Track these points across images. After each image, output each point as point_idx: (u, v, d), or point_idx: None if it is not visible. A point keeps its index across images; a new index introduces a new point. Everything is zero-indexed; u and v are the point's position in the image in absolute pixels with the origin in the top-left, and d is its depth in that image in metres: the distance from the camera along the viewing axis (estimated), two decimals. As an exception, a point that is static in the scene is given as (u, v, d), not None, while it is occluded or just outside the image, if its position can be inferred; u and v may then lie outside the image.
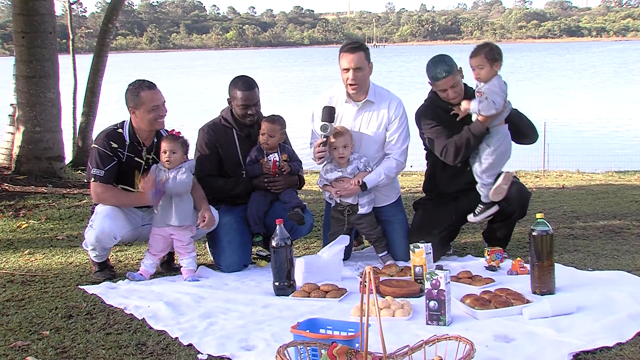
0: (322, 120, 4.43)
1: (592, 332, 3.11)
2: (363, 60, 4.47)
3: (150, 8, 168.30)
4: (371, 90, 4.59)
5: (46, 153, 7.93)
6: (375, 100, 4.60)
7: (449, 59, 4.44)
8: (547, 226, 3.75)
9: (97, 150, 4.34)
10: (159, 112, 4.35)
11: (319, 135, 4.48)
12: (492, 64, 4.32)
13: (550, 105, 24.56)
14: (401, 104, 4.67)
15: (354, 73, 4.46)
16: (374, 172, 4.52)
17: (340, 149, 4.43)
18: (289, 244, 3.99)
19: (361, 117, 4.60)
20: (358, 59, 4.45)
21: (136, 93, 4.34)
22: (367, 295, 2.50)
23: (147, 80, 4.44)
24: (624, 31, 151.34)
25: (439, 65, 4.40)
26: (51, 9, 7.94)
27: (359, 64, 4.46)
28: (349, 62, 4.46)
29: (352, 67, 4.45)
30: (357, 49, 4.48)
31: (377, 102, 4.60)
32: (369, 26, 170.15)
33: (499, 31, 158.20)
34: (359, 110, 4.60)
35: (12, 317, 3.65)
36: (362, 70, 4.48)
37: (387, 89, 4.75)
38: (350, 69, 4.46)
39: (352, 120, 4.59)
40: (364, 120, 4.59)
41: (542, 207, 6.36)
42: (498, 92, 4.28)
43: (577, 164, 11.84)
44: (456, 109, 4.47)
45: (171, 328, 3.37)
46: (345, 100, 4.60)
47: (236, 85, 4.57)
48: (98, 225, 4.24)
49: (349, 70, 4.46)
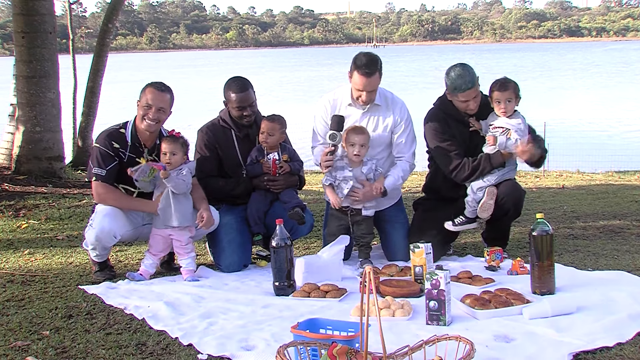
0: (331, 129, 4.43)
1: (592, 332, 3.11)
2: (378, 81, 4.48)
3: (150, 8, 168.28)
4: (378, 94, 4.59)
5: (46, 153, 7.93)
6: (381, 103, 4.61)
7: (471, 69, 4.45)
8: (547, 226, 3.75)
9: (99, 150, 4.34)
10: (148, 113, 4.32)
11: (327, 143, 4.47)
12: (517, 99, 4.42)
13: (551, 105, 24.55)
14: (405, 105, 4.69)
15: (367, 95, 4.48)
16: (392, 177, 4.55)
17: (357, 147, 4.39)
18: (289, 244, 3.99)
19: (367, 119, 4.60)
20: (374, 82, 4.45)
21: (144, 88, 4.38)
22: (367, 295, 2.50)
23: (164, 84, 4.44)
24: (624, 31, 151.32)
25: (463, 77, 4.38)
26: (51, 9, 7.94)
27: (374, 87, 4.47)
28: (364, 86, 4.43)
29: (367, 90, 4.46)
30: (374, 73, 4.41)
31: (384, 105, 4.62)
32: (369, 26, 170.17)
33: (499, 31, 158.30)
34: (365, 113, 4.60)
35: (12, 317, 3.65)
36: (375, 92, 4.50)
37: (390, 91, 4.76)
38: (365, 91, 4.46)
39: (358, 122, 4.59)
40: (371, 123, 4.60)
41: (542, 207, 6.36)
42: (525, 132, 4.35)
43: (577, 164, 11.84)
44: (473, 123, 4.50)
45: (171, 328, 3.37)
46: (349, 103, 4.61)
47: (230, 88, 4.57)
48: (98, 224, 4.24)
49: (363, 92, 4.46)
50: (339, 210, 4.53)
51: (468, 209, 4.53)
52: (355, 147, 4.39)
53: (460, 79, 4.38)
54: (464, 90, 4.39)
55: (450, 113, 4.58)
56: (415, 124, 4.75)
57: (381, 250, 4.83)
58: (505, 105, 4.38)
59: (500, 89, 4.41)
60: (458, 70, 4.42)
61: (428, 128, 4.62)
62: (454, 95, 4.46)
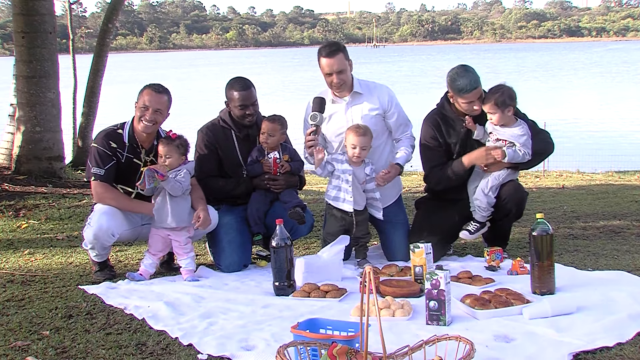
0: (312, 110, 4.47)
1: (592, 332, 3.11)
2: (343, 62, 4.52)
3: (150, 8, 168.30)
4: (356, 83, 4.65)
5: (46, 153, 7.93)
6: (362, 91, 4.66)
7: (473, 70, 4.44)
8: (547, 226, 3.75)
9: (97, 150, 4.34)
10: (145, 114, 4.33)
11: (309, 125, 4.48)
12: (504, 109, 4.35)
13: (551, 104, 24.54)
14: (390, 89, 4.76)
15: (337, 76, 4.52)
16: (401, 152, 4.64)
17: (358, 149, 4.37)
18: (289, 244, 3.99)
19: (351, 110, 4.64)
20: (339, 62, 4.50)
21: (142, 90, 4.40)
22: (367, 295, 2.50)
23: (161, 85, 4.45)
24: (624, 31, 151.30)
25: (466, 77, 4.37)
26: (51, 9, 7.94)
27: (341, 66, 4.51)
28: (330, 67, 4.50)
29: (334, 71, 4.50)
30: (335, 52, 4.51)
31: (365, 92, 4.66)
32: (369, 26, 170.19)
33: (499, 31, 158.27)
34: (348, 104, 4.64)
35: (12, 317, 3.65)
36: (344, 72, 4.53)
37: (372, 81, 4.83)
38: (332, 72, 4.50)
39: (344, 115, 4.62)
40: (356, 112, 4.63)
41: (542, 207, 6.36)
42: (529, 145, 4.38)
43: (577, 164, 11.83)
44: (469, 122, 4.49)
45: (171, 328, 3.37)
46: (332, 100, 4.64)
47: (232, 87, 4.58)
48: (96, 222, 4.24)
49: (332, 75, 4.51)
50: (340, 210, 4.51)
51: (478, 214, 4.53)
52: (357, 149, 4.39)
53: (463, 79, 4.36)
54: (469, 91, 4.37)
55: (449, 116, 4.58)
56: (416, 124, 4.76)
57: (381, 250, 4.83)
58: (490, 117, 4.38)
59: (483, 101, 4.39)
60: (461, 72, 4.40)
61: (422, 131, 4.67)
62: (458, 97, 4.43)
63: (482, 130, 4.49)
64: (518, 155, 4.35)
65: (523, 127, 4.40)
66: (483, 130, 4.49)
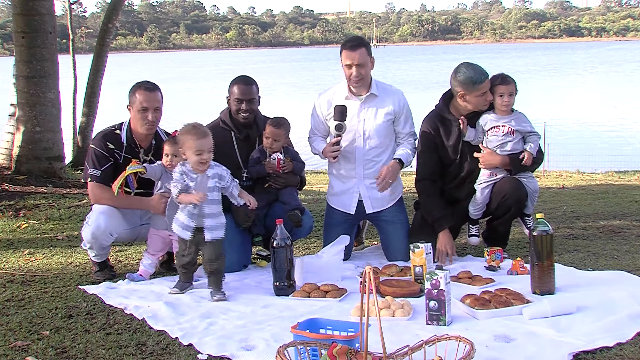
0: (335, 119, 4.48)
1: (592, 332, 3.11)
2: (365, 56, 4.53)
3: (150, 8, 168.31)
4: (373, 85, 4.65)
5: (46, 153, 7.93)
6: (378, 93, 4.65)
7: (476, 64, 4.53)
8: (547, 226, 3.75)
9: (94, 151, 4.34)
10: (146, 115, 4.32)
11: (332, 134, 4.56)
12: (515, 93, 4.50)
13: (551, 104, 24.55)
14: (403, 95, 4.77)
15: (357, 69, 4.51)
16: (401, 150, 4.64)
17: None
18: (289, 244, 3.99)
19: (365, 110, 4.63)
20: (360, 55, 4.50)
21: (133, 91, 4.37)
22: (367, 295, 2.50)
23: (150, 82, 4.45)
24: (624, 31, 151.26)
25: (475, 69, 4.44)
26: (51, 9, 7.93)
27: (362, 60, 4.51)
28: (352, 59, 4.50)
29: (355, 64, 4.50)
30: (358, 46, 4.53)
31: (381, 95, 4.65)
32: (369, 26, 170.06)
33: (499, 31, 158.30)
34: (362, 103, 4.63)
35: (12, 317, 3.65)
36: (364, 67, 4.52)
37: (389, 84, 4.82)
38: (353, 65, 4.50)
39: (356, 114, 4.61)
40: (369, 113, 4.63)
41: (542, 207, 6.35)
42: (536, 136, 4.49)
43: (577, 164, 11.84)
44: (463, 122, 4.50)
45: (171, 328, 3.37)
46: (346, 96, 4.63)
47: (235, 81, 4.62)
48: (93, 221, 4.24)
49: (352, 67, 4.51)
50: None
51: (472, 211, 4.61)
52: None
53: (474, 71, 4.42)
54: (483, 81, 4.42)
55: (448, 118, 4.59)
56: (417, 124, 4.77)
57: (381, 250, 4.84)
58: (508, 99, 4.43)
59: (503, 82, 4.45)
60: (468, 66, 4.47)
61: (420, 133, 4.68)
62: (473, 91, 4.44)
63: (472, 132, 4.52)
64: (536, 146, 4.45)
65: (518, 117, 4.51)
66: (474, 133, 4.52)
